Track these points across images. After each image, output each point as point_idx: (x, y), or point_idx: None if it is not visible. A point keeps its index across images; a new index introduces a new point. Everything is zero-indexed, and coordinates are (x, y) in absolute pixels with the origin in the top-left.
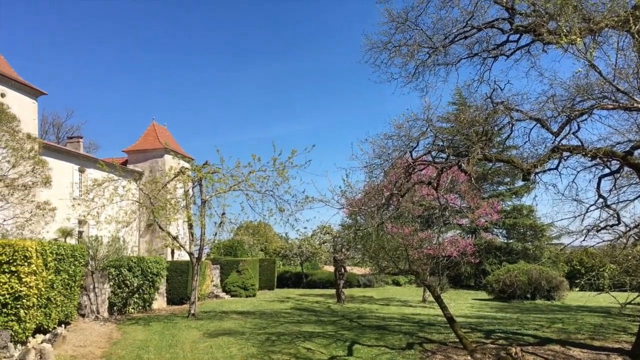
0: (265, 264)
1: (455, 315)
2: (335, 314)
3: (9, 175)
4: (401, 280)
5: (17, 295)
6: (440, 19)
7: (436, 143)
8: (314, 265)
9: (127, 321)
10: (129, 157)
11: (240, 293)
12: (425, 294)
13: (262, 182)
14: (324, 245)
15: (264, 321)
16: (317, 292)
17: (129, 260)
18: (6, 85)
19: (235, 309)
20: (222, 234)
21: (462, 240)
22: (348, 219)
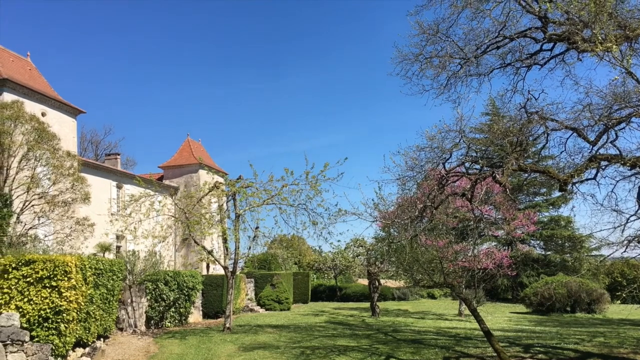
0: (299, 278)
1: (492, 328)
2: (369, 327)
3: (50, 192)
4: (436, 293)
5: (57, 310)
6: (472, 29)
7: (469, 154)
8: (348, 279)
9: (163, 335)
10: (164, 172)
11: (275, 306)
12: (461, 307)
13: (295, 195)
14: (357, 258)
15: (298, 335)
16: (351, 305)
17: (166, 275)
18: (47, 105)
19: (269, 322)
20: (256, 247)
21: (498, 253)
22: (381, 231)
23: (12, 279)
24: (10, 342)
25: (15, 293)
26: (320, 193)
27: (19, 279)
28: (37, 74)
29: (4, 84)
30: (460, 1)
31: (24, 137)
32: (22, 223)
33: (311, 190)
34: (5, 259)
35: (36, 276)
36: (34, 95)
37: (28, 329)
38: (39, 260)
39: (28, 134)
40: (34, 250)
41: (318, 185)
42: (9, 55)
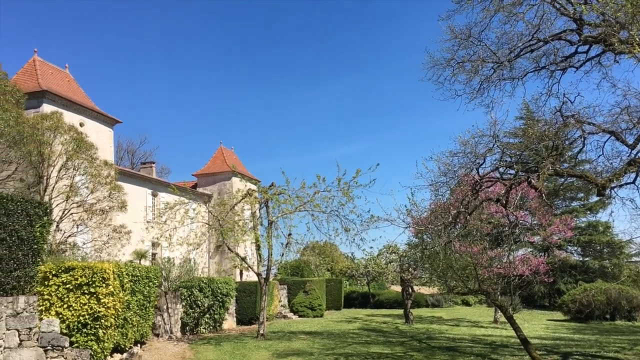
0: (331, 284)
1: (529, 336)
2: (403, 334)
3: (88, 200)
4: (471, 300)
5: (96, 316)
6: (505, 33)
7: (504, 159)
8: (381, 285)
9: (199, 341)
10: (198, 180)
11: (308, 313)
12: (496, 314)
13: (328, 202)
14: (390, 264)
15: (332, 342)
16: (384, 312)
17: (200, 281)
18: (84, 115)
19: (303, 329)
20: (288, 254)
21: (534, 259)
22: (414, 238)
23: (52, 286)
24: (51, 347)
25: (55, 299)
26: (352, 199)
27: (59, 285)
28: (75, 86)
29: (44, 95)
30: (493, 5)
31: (63, 147)
32: (61, 231)
33: (343, 196)
34: (46, 266)
35: (75, 283)
36: (73, 106)
37: (67, 334)
38: (78, 267)
39: (67, 144)
40: (73, 257)
41: (350, 192)
42: (49, 68)
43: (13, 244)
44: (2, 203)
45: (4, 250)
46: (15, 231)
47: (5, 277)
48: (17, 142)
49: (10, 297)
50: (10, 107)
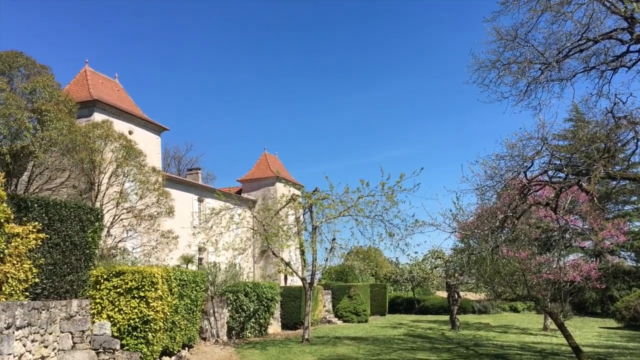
0: (376, 289)
1: (581, 344)
2: (450, 341)
3: (137, 206)
4: (519, 306)
5: (145, 319)
6: (553, 33)
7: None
8: (426, 291)
9: (244, 345)
10: (243, 186)
11: (352, 318)
12: (546, 321)
13: (371, 207)
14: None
15: (377, 347)
16: (429, 318)
17: (245, 286)
18: (133, 123)
19: (347, 334)
20: (332, 259)
21: (586, 264)
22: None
23: (103, 290)
24: (103, 350)
25: (107, 303)
26: (396, 204)
27: (110, 289)
28: (124, 94)
29: (95, 104)
30: (540, 5)
31: (113, 154)
32: (112, 236)
33: (387, 201)
34: (98, 270)
35: (126, 287)
36: (122, 115)
37: (118, 337)
38: (128, 271)
39: (117, 152)
40: (123, 262)
41: (394, 197)
42: (99, 78)
43: (66, 249)
44: (56, 209)
45: (58, 255)
46: (68, 236)
47: (59, 281)
48: (70, 150)
49: (64, 300)
50: (64, 116)
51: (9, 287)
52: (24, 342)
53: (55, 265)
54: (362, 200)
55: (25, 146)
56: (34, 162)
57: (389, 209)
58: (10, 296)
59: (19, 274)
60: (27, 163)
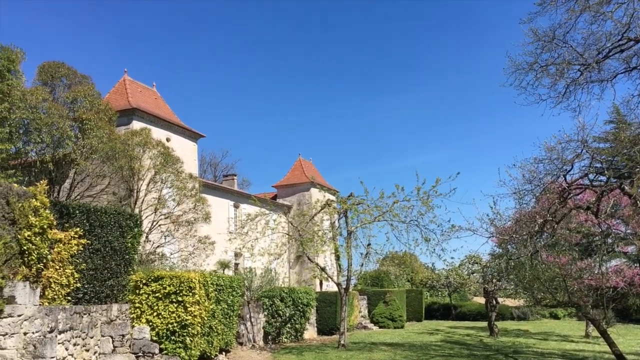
0: (412, 295)
1: (625, 352)
2: (488, 348)
3: (175, 212)
4: (559, 313)
5: (183, 324)
6: (592, 33)
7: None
8: (463, 297)
9: (280, 350)
10: (278, 191)
11: (388, 324)
12: (588, 328)
13: (407, 212)
14: (472, 275)
15: (413, 353)
16: (467, 324)
17: (281, 291)
18: (170, 131)
19: (384, 340)
20: (368, 264)
21: (629, 270)
22: (498, 248)
23: (142, 294)
24: (142, 354)
25: (146, 307)
26: (432, 209)
27: (149, 294)
28: (162, 103)
29: (134, 113)
30: (578, 5)
31: (151, 161)
32: (150, 242)
33: (423, 206)
34: (137, 275)
35: (164, 292)
36: (160, 122)
37: (157, 341)
38: (166, 276)
39: (155, 159)
40: (161, 267)
41: (430, 201)
42: (137, 86)
43: (107, 254)
44: (97, 215)
45: (98, 261)
46: (108, 242)
47: (100, 286)
48: (109, 158)
49: (105, 305)
50: (104, 124)
51: (52, 291)
52: (67, 345)
53: (96, 270)
54: (397, 205)
55: (67, 154)
56: (75, 170)
57: (424, 213)
58: (53, 300)
59: (61, 278)
60: (69, 170)
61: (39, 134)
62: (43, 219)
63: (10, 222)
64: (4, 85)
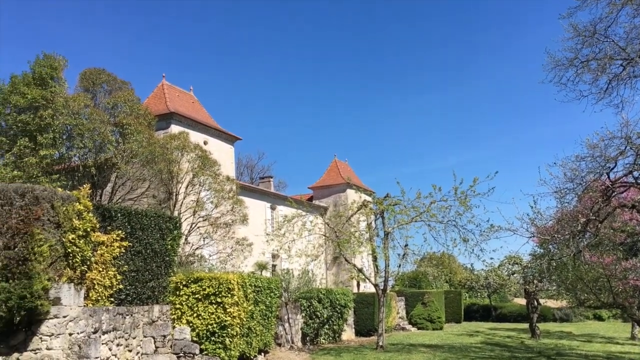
0: (450, 296)
1: None
2: (530, 350)
3: (213, 214)
4: (604, 314)
5: (222, 325)
6: (635, 27)
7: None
8: (503, 298)
9: (319, 351)
10: (314, 193)
11: (427, 325)
12: (634, 330)
13: (444, 212)
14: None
15: (453, 355)
16: (507, 326)
17: (319, 292)
18: (208, 134)
19: (422, 341)
20: (405, 265)
21: None
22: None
23: (183, 296)
24: (183, 354)
25: (186, 308)
26: (470, 209)
27: (189, 295)
28: (199, 106)
29: (172, 117)
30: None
31: (189, 164)
32: (189, 244)
33: (460, 206)
34: (177, 277)
35: (203, 293)
36: (197, 126)
37: (197, 342)
38: (206, 278)
39: (193, 162)
40: (200, 268)
41: (468, 201)
42: (175, 91)
43: (148, 257)
44: (138, 218)
45: (140, 262)
46: (149, 244)
47: (142, 288)
48: (149, 162)
49: (146, 306)
50: (143, 129)
51: (95, 293)
52: (110, 346)
53: (137, 272)
54: (434, 205)
55: (109, 158)
56: (116, 174)
57: (462, 214)
58: (97, 302)
59: (104, 280)
60: (111, 174)
61: (81, 139)
62: (86, 222)
63: (55, 226)
64: (48, 93)
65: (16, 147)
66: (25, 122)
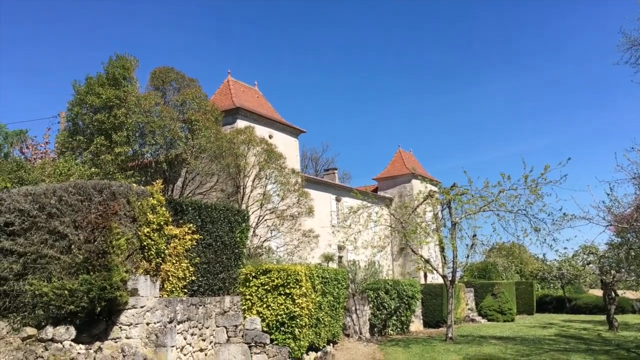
0: (522, 287)
1: None
2: (607, 342)
3: (279, 207)
4: None
5: (291, 315)
6: None
7: None
8: (577, 289)
9: (387, 342)
10: (378, 184)
11: (497, 317)
12: None
13: (514, 201)
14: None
15: (526, 347)
16: (582, 317)
17: (385, 283)
18: (272, 128)
19: (493, 333)
20: (474, 256)
21: None
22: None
23: (252, 287)
24: (254, 344)
25: (256, 299)
26: (541, 197)
27: (258, 286)
28: (263, 101)
29: (238, 112)
30: None
31: (255, 158)
32: (257, 236)
33: (531, 194)
34: (246, 268)
35: (272, 284)
36: (262, 120)
37: (267, 332)
38: (274, 269)
39: (259, 155)
40: (268, 260)
41: (538, 189)
42: (240, 86)
43: (218, 249)
44: (208, 212)
45: (211, 255)
46: (219, 237)
47: (213, 279)
48: (217, 156)
49: (218, 297)
50: (211, 124)
51: (170, 284)
52: (185, 335)
53: (208, 264)
54: (503, 194)
55: (179, 154)
56: (186, 169)
57: (533, 202)
58: (171, 293)
59: (177, 272)
60: (181, 169)
61: (153, 136)
62: (160, 216)
63: (131, 220)
64: (121, 92)
65: (93, 146)
66: (101, 121)
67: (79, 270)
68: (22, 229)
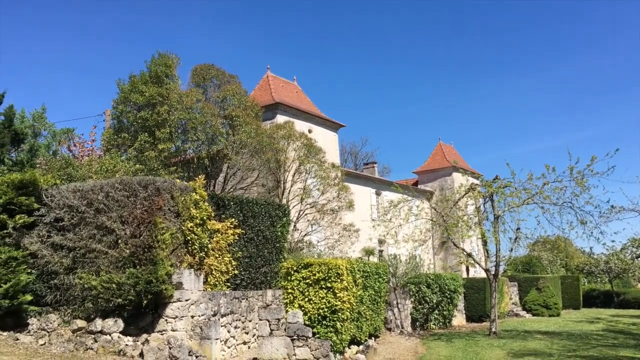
0: (567, 281)
1: None
2: None
3: (320, 201)
4: None
5: (333, 309)
6: None
7: None
8: (626, 283)
9: (429, 336)
10: (419, 177)
11: (542, 312)
12: None
13: (559, 193)
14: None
15: (572, 343)
16: (632, 312)
17: (427, 277)
18: (312, 122)
19: (538, 328)
20: (517, 249)
21: None
22: None
23: (294, 281)
24: (297, 337)
25: (298, 293)
26: (588, 189)
27: (300, 280)
28: (302, 95)
29: (277, 107)
30: None
31: (295, 153)
32: (298, 230)
33: (577, 186)
34: (288, 262)
35: (313, 278)
36: (301, 115)
37: (310, 325)
38: (315, 263)
39: (299, 150)
40: (309, 254)
41: (585, 181)
42: (279, 82)
43: (259, 243)
44: (249, 206)
45: (252, 249)
46: (260, 231)
47: (255, 273)
48: (257, 151)
49: (260, 290)
50: (251, 120)
51: (213, 278)
52: (228, 328)
53: (250, 258)
54: (547, 186)
55: (220, 150)
56: (227, 164)
57: (579, 194)
58: (215, 286)
59: (220, 266)
60: (222, 165)
61: (195, 132)
62: (203, 211)
63: (175, 215)
64: (163, 90)
65: (137, 142)
66: (145, 118)
67: (125, 264)
68: (72, 224)
